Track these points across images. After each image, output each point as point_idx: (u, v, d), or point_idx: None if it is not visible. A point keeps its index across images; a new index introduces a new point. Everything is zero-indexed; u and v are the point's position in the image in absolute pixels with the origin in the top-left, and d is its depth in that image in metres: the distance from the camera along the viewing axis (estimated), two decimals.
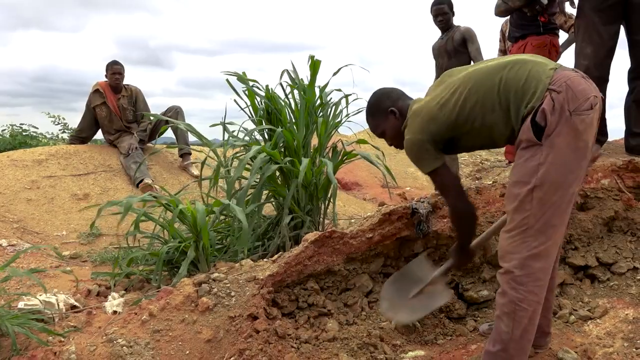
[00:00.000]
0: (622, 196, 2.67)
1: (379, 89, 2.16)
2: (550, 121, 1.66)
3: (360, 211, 5.19)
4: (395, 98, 2.08)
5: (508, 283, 1.77)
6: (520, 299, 1.75)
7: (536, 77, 1.72)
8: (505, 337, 1.79)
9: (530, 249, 1.73)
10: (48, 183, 4.79)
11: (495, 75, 1.79)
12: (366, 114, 2.16)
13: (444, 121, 1.85)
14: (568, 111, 1.66)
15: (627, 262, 2.59)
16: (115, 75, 5.46)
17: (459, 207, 1.96)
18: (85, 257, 3.75)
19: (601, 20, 2.91)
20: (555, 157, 1.67)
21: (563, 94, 1.66)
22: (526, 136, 1.70)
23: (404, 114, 2.02)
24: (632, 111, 3.04)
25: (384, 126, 2.09)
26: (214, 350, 2.18)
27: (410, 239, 2.65)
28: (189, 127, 3.87)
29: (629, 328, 2.20)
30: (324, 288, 2.57)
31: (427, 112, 1.89)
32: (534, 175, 1.69)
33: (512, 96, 1.74)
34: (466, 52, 4.20)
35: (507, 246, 1.79)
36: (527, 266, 1.74)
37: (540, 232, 1.72)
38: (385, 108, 2.07)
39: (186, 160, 5.63)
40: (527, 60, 1.80)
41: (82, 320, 2.39)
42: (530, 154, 1.71)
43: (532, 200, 1.71)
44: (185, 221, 3.01)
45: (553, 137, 1.67)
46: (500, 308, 1.81)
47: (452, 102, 1.83)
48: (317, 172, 3.38)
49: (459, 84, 1.85)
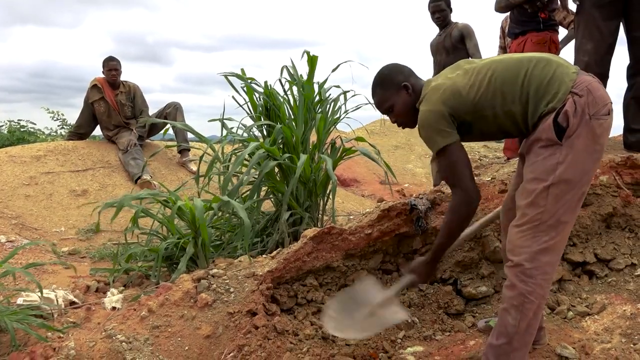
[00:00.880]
0: (620, 192, 2.68)
1: (391, 63, 2.10)
2: (572, 123, 1.71)
3: (358, 208, 5.19)
4: (407, 74, 2.04)
5: (517, 276, 1.80)
6: (529, 291, 1.78)
7: (559, 79, 1.76)
8: (511, 330, 1.82)
9: (540, 243, 1.77)
10: (46, 179, 4.78)
11: (521, 67, 1.81)
12: (374, 86, 2.07)
13: (466, 99, 1.85)
14: (588, 115, 1.72)
15: (625, 258, 2.60)
16: (111, 72, 5.44)
17: (471, 190, 1.86)
18: (83, 253, 3.75)
19: (601, 16, 2.91)
20: (574, 157, 1.73)
21: (584, 98, 1.72)
22: (547, 135, 1.74)
23: (417, 91, 1.99)
24: (630, 108, 3.04)
25: (394, 100, 2.02)
26: (213, 346, 2.18)
27: (409, 235, 2.65)
28: (186, 126, 3.88)
29: (626, 324, 2.21)
30: (323, 284, 2.58)
31: (451, 87, 1.88)
32: (552, 173, 1.74)
33: (533, 92, 1.77)
34: (464, 49, 4.22)
35: (518, 240, 1.82)
36: (537, 260, 1.78)
37: (551, 227, 1.77)
38: (398, 82, 2.01)
39: (185, 156, 5.63)
40: (552, 60, 1.83)
41: (81, 316, 2.39)
42: (549, 152, 1.75)
43: (547, 197, 1.75)
44: (184, 217, 3.00)
45: (573, 138, 1.72)
46: (508, 301, 1.83)
47: (476, 84, 1.84)
48: (315, 168, 3.38)
49: (480, 69, 1.87)
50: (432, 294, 2.62)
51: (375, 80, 2.08)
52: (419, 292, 2.63)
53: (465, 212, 1.89)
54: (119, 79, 5.53)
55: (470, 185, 1.86)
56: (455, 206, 1.89)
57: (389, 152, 7.33)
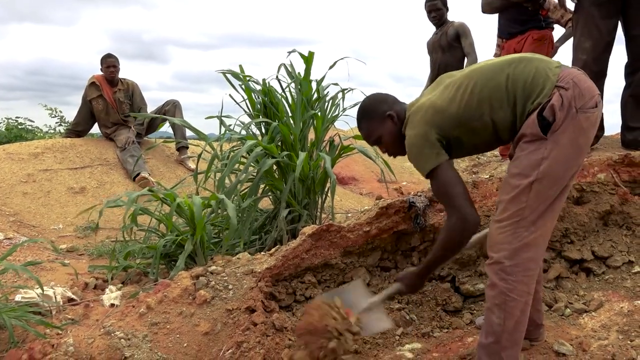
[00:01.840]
0: (618, 190, 2.69)
1: (372, 94, 2.08)
2: (558, 117, 1.68)
3: (357, 205, 5.20)
4: (391, 102, 2.01)
5: (497, 274, 1.77)
6: (510, 289, 1.75)
7: (543, 75, 1.73)
8: (497, 329, 1.80)
9: (521, 239, 1.74)
10: (44, 176, 4.77)
11: (501, 72, 1.78)
12: (360, 120, 2.04)
13: (450, 115, 1.81)
14: (575, 108, 1.68)
15: (622, 255, 2.61)
16: (110, 68, 5.43)
17: (468, 213, 1.76)
18: (82, 251, 3.75)
19: (600, 14, 2.91)
20: (559, 152, 1.70)
21: (571, 91, 1.69)
22: (531, 130, 1.71)
23: (402, 118, 1.96)
24: (628, 106, 3.05)
25: (381, 131, 1.99)
26: (211, 342, 2.19)
27: (407, 232, 2.66)
28: (184, 123, 3.87)
29: (623, 321, 2.22)
30: (321, 281, 2.58)
31: (431, 105, 1.85)
32: (536, 169, 1.71)
33: (520, 92, 1.74)
34: (460, 47, 4.24)
35: (497, 236, 1.78)
36: (517, 256, 1.75)
37: (532, 223, 1.74)
38: (382, 112, 1.98)
39: (183, 154, 5.63)
40: (531, 58, 1.80)
41: (79, 313, 2.39)
42: (534, 147, 1.72)
43: (529, 193, 1.72)
44: (183, 215, 3.01)
45: (558, 133, 1.69)
46: (490, 300, 1.81)
47: (457, 98, 1.81)
48: (314, 166, 3.38)
49: (461, 82, 1.83)
50: (430, 291, 2.62)
51: (359, 113, 2.05)
52: None
53: (460, 232, 1.80)
54: (117, 76, 5.52)
55: (464, 203, 1.77)
56: (451, 226, 1.80)
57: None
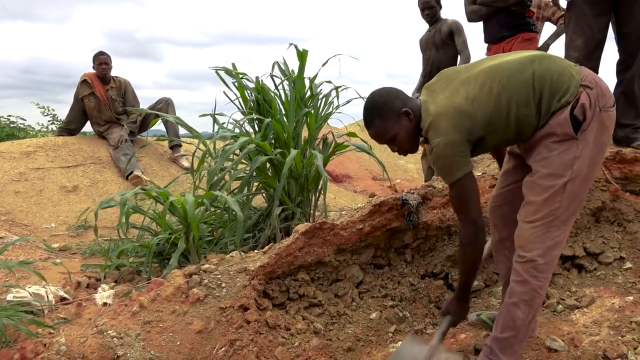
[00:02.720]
0: (609, 187, 2.70)
1: (382, 88, 1.93)
2: (588, 116, 1.70)
3: (350, 203, 5.20)
4: (404, 98, 1.89)
5: (529, 271, 1.80)
6: (540, 286, 1.81)
7: (567, 73, 1.74)
8: (520, 323, 1.84)
9: (553, 238, 1.78)
10: (36, 175, 4.74)
11: (525, 68, 1.76)
12: (371, 117, 1.89)
13: (479, 117, 1.75)
14: (598, 107, 1.72)
15: (613, 252, 2.63)
16: (102, 66, 5.39)
17: (479, 221, 1.81)
18: (74, 250, 3.73)
19: (592, 12, 2.93)
20: (588, 151, 1.73)
21: (595, 90, 1.72)
22: (562, 130, 1.71)
23: (417, 115, 1.86)
24: (619, 103, 3.05)
25: (397, 129, 1.86)
26: (204, 341, 2.18)
27: (400, 230, 2.66)
28: (178, 119, 3.86)
29: (615, 316, 2.23)
30: (315, 279, 2.58)
31: (457, 108, 1.76)
32: (570, 169, 1.72)
33: (547, 90, 1.73)
34: (453, 45, 4.25)
35: (530, 236, 1.80)
36: (549, 254, 1.79)
37: (563, 222, 1.78)
38: (397, 109, 1.85)
39: (176, 152, 5.60)
40: (551, 56, 1.82)
41: (72, 312, 2.38)
42: (565, 147, 1.72)
43: (563, 193, 1.74)
44: (176, 213, 3.00)
45: (587, 132, 1.71)
46: (519, 296, 1.83)
47: (483, 97, 1.75)
48: (307, 163, 3.38)
49: (483, 79, 1.78)
50: (424, 288, 2.63)
51: (370, 110, 1.90)
52: (410, 286, 2.65)
53: (478, 242, 1.85)
54: (110, 73, 5.49)
55: (478, 217, 1.81)
56: (469, 238, 1.84)
57: (381, 148, 7.32)
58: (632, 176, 2.76)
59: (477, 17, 3.89)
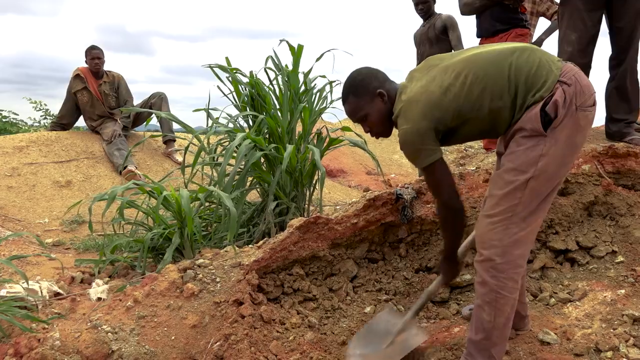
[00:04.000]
0: (602, 181, 2.72)
1: (362, 67, 1.93)
2: (560, 114, 1.64)
3: (345, 198, 5.21)
4: (382, 79, 1.89)
5: (488, 271, 1.76)
6: (501, 286, 1.75)
7: (546, 67, 1.69)
8: (487, 325, 1.80)
9: (512, 236, 1.72)
10: (29, 170, 4.71)
11: (503, 60, 1.71)
12: (346, 93, 1.90)
13: (450, 107, 1.73)
14: (575, 105, 1.65)
15: (606, 245, 2.65)
16: (94, 60, 5.36)
17: (455, 204, 1.82)
18: (68, 245, 3.72)
19: (585, 7, 2.94)
20: (556, 150, 1.67)
21: (573, 87, 1.66)
22: (532, 125, 1.67)
23: (392, 98, 1.87)
24: (612, 98, 3.08)
25: (368, 109, 1.87)
26: (199, 335, 2.19)
27: (394, 224, 2.67)
28: (171, 116, 3.84)
29: (607, 310, 2.26)
30: (309, 273, 2.59)
31: (428, 97, 1.74)
32: (534, 166, 1.68)
33: (522, 83, 1.68)
34: (447, 40, 4.24)
35: (489, 232, 1.76)
36: (508, 253, 1.73)
37: (523, 219, 1.72)
38: (372, 89, 1.86)
39: (170, 147, 5.59)
40: (534, 49, 1.76)
41: (66, 307, 2.38)
42: (532, 143, 1.68)
43: (525, 189, 1.70)
44: (170, 208, 2.99)
45: (558, 130, 1.66)
46: (480, 297, 1.80)
47: (457, 87, 1.72)
48: (301, 158, 3.38)
49: (460, 68, 1.75)
50: (418, 282, 2.64)
51: (347, 86, 1.91)
52: (404, 281, 2.66)
53: (451, 223, 1.88)
54: (102, 68, 5.45)
55: (450, 200, 1.82)
56: (444, 218, 1.89)
57: (375, 143, 7.34)
58: (625, 170, 2.79)
59: (470, 10, 3.89)
